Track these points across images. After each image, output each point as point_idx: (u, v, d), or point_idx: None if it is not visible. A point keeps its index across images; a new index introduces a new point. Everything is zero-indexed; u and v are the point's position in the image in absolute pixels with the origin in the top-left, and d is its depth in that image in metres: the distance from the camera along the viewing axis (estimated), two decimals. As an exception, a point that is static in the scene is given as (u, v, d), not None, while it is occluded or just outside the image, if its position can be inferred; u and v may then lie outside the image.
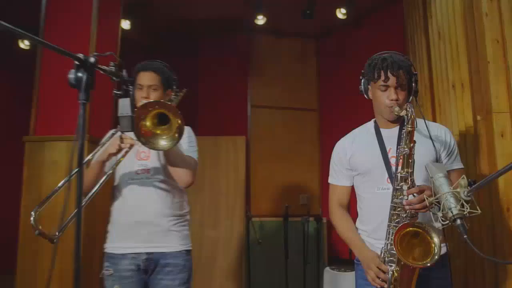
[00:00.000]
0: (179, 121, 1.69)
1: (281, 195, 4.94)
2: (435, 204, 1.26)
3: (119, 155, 1.91)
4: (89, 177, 1.93)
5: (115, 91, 1.41)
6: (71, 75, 1.05)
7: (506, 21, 2.20)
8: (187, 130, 2.13)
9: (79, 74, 1.05)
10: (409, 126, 1.56)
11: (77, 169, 1.08)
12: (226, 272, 4.51)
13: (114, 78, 1.30)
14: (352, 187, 1.93)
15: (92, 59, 1.05)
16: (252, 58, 5.28)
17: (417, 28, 3.70)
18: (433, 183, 1.28)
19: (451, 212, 1.16)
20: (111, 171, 1.91)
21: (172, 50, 4.94)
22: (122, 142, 1.85)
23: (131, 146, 1.88)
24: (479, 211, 1.15)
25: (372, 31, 4.68)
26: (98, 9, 3.04)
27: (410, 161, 1.56)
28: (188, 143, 2.09)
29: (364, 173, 1.82)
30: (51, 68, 2.96)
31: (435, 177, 1.27)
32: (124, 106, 1.37)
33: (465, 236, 1.13)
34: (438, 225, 1.26)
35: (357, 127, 1.99)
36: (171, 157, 1.94)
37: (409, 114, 1.56)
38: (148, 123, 1.74)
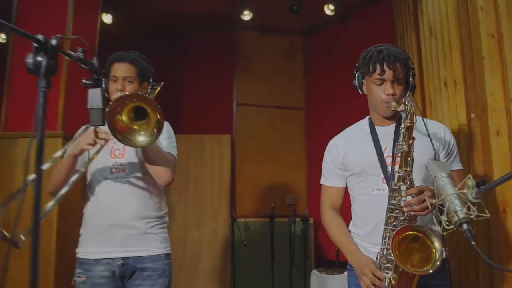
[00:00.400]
0: (158, 115, 1.57)
1: (267, 195, 4.86)
2: (438, 207, 1.15)
3: (92, 151, 1.77)
4: (60, 173, 1.80)
5: (83, 80, 1.27)
6: (29, 59, 0.92)
7: (502, 15, 2.12)
8: (165, 125, 2.01)
9: (38, 58, 0.91)
10: (408, 121, 1.45)
11: (35, 176, 0.93)
12: (210, 274, 4.41)
13: (82, 65, 1.16)
14: (346, 189, 1.82)
15: (53, 41, 0.92)
16: (238, 55, 5.19)
17: (406, 25, 3.63)
18: (435, 184, 1.17)
19: (457, 215, 1.05)
20: (83, 169, 1.77)
21: (155, 45, 4.79)
22: (97, 136, 1.71)
23: (106, 141, 1.74)
24: (488, 215, 1.05)
25: (360, 28, 4.61)
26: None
27: (409, 159, 1.45)
28: (167, 138, 1.97)
29: (358, 173, 1.72)
30: (22, 62, 2.77)
31: (438, 176, 1.15)
32: (94, 97, 1.22)
33: (473, 243, 1.02)
34: (438, 229, 1.15)
35: (346, 127, 1.90)
36: (150, 154, 1.82)
37: (408, 108, 1.45)
38: (124, 118, 1.60)
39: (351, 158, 1.74)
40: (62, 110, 2.67)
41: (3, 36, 4.80)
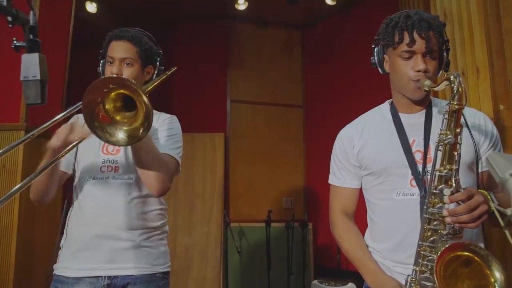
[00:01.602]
0: (147, 110, 1.23)
1: (262, 198, 4.72)
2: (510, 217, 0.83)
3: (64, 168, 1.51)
4: (38, 179, 1.47)
5: (15, 42, 0.92)
6: None
7: (539, -13, 1.83)
8: (170, 120, 1.72)
9: None
10: (456, 103, 1.14)
11: None
12: (201, 283, 4.20)
13: (10, 18, 0.83)
14: (361, 190, 1.50)
15: None
16: (232, 49, 5.02)
17: (415, 13, 3.37)
18: (505, 185, 0.84)
19: (546, 231, 0.74)
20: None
21: (143, 37, 4.53)
22: (71, 132, 1.38)
23: (81, 139, 1.39)
24: None
25: (363, 19, 4.41)
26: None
27: (455, 154, 1.14)
28: (168, 136, 1.64)
29: (378, 172, 1.39)
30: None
31: (510, 173, 0.82)
32: (30, 65, 0.89)
33: None
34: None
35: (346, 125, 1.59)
36: (142, 155, 1.47)
37: (456, 86, 1.13)
38: (108, 106, 1.27)
39: (369, 154, 1.42)
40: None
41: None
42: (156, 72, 1.74)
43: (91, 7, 4.27)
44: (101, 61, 1.67)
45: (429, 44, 1.29)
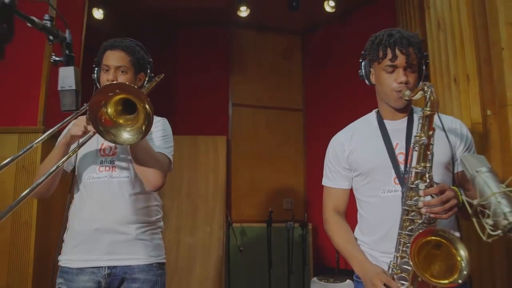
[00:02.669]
0: (148, 110, 1.37)
1: (264, 199, 4.77)
2: (480, 209, 0.96)
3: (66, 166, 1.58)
4: (46, 166, 1.59)
5: (53, 57, 1.07)
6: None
7: (523, 1, 1.96)
8: (162, 122, 1.84)
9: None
10: (428, 110, 1.28)
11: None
12: (204, 282, 4.26)
13: (51, 37, 0.97)
14: (351, 191, 1.64)
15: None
16: (234, 54, 5.10)
17: (411, 21, 3.50)
18: (475, 181, 0.98)
19: (507, 219, 0.87)
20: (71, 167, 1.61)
21: (147, 43, 4.60)
22: (88, 123, 1.51)
23: (94, 134, 1.52)
24: (545, 217, 0.86)
25: (362, 26, 4.49)
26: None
27: (429, 153, 1.28)
28: (162, 137, 1.77)
29: (366, 173, 1.54)
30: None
31: (479, 171, 0.97)
32: (66, 77, 1.03)
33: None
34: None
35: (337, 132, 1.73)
36: (139, 154, 1.61)
37: (428, 95, 1.27)
38: (109, 110, 1.40)
39: (358, 156, 1.57)
40: (44, 103, 2.45)
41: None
42: (147, 78, 1.86)
43: (98, 14, 4.39)
44: (96, 68, 1.79)
45: (409, 59, 1.44)
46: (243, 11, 4.48)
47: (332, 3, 4.31)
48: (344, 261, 3.83)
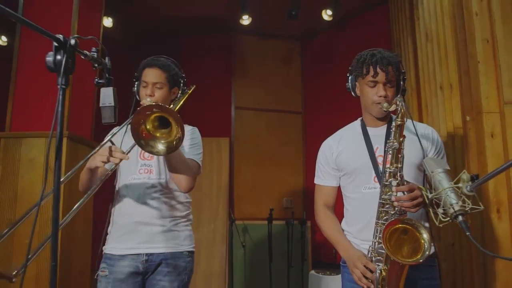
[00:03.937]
0: (179, 126, 1.60)
1: (265, 198, 4.90)
2: (435, 201, 1.21)
3: (108, 167, 1.82)
4: (83, 179, 1.85)
5: (97, 80, 1.32)
6: (49, 58, 0.96)
7: (496, 20, 2.18)
8: (192, 131, 2.07)
9: (58, 57, 0.96)
10: (399, 120, 1.52)
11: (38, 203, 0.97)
12: (208, 276, 4.42)
13: (96, 64, 1.21)
14: (339, 188, 1.88)
15: (72, 41, 0.96)
16: (236, 59, 5.24)
17: (403, 30, 3.70)
18: (432, 178, 1.23)
19: (453, 208, 1.11)
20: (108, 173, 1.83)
21: (153, 49, 4.80)
22: (110, 154, 1.70)
23: (120, 160, 1.74)
24: (482, 207, 1.11)
25: (357, 33, 4.67)
26: (79, 2, 2.93)
27: (400, 156, 1.53)
28: (191, 145, 2.01)
29: (350, 172, 1.78)
30: (28, 63, 2.87)
31: (435, 171, 1.21)
32: (106, 96, 1.27)
33: (468, 234, 1.08)
34: (432, 223, 1.20)
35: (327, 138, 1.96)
36: (172, 162, 1.85)
37: (399, 108, 1.52)
38: (148, 126, 1.64)
39: (344, 158, 1.80)
40: (68, 110, 2.70)
41: (4, 39, 4.87)
42: (180, 92, 2.10)
43: (107, 22, 4.60)
44: (136, 83, 2.02)
45: (388, 76, 1.68)
46: (245, 19, 4.63)
47: (330, 12, 4.47)
48: (340, 256, 4.02)
